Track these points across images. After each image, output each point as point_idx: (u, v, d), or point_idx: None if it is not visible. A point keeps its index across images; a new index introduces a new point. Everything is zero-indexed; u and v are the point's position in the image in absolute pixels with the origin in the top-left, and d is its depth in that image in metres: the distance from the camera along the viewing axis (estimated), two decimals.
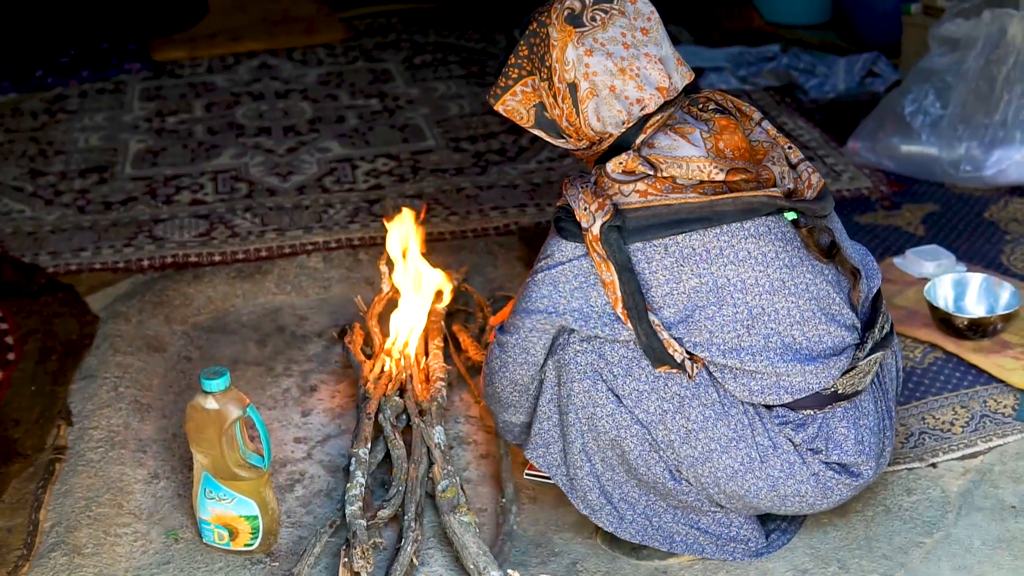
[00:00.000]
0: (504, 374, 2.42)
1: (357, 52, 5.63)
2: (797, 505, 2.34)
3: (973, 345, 3.02)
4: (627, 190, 2.22)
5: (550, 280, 2.30)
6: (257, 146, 4.58)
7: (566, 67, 2.25)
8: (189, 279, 3.56)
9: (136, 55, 5.58)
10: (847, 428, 2.32)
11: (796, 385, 2.27)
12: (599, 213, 2.21)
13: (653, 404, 2.27)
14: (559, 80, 2.27)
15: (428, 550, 2.49)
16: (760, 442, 2.28)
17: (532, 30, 2.31)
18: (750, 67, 5.01)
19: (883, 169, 4.09)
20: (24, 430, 2.87)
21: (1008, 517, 2.52)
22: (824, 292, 2.29)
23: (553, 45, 2.26)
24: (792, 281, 2.26)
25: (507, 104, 2.36)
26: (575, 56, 2.24)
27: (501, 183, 4.17)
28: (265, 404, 3.00)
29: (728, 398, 2.28)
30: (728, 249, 2.22)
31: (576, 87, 2.26)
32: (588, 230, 2.22)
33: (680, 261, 2.22)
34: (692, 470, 2.30)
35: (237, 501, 2.45)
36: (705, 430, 2.27)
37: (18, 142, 4.70)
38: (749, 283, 2.23)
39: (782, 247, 2.26)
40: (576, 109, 2.27)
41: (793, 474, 2.30)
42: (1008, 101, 3.89)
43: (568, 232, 2.28)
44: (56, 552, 2.48)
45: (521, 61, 2.33)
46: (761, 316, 2.25)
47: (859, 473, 2.35)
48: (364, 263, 3.63)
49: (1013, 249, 3.52)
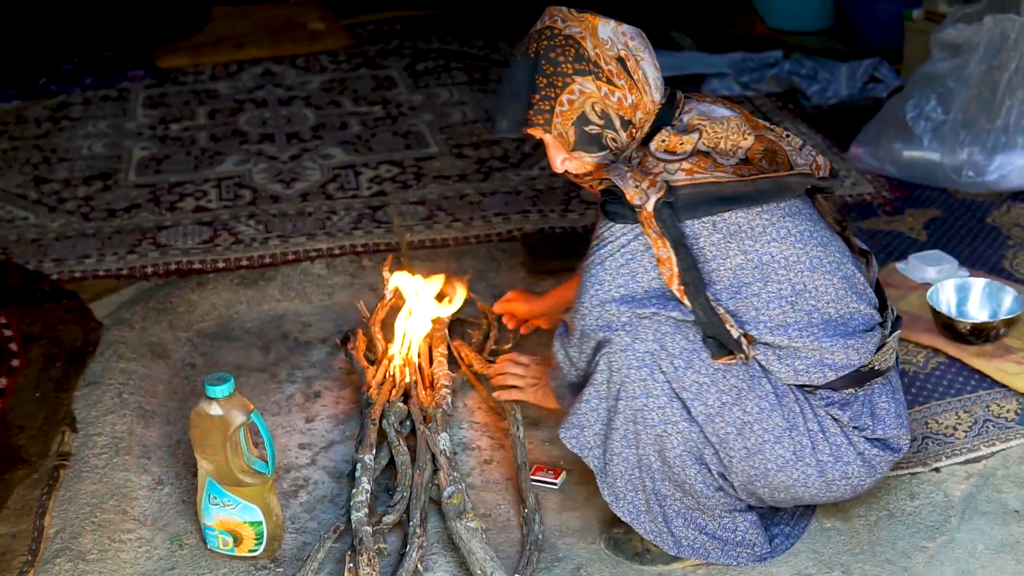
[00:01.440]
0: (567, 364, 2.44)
1: (360, 59, 5.65)
2: (842, 489, 2.38)
3: (976, 350, 3.02)
4: (673, 168, 2.26)
5: (604, 264, 2.31)
6: (260, 153, 4.59)
7: (607, 46, 2.30)
8: (193, 286, 3.56)
9: (139, 62, 5.60)
10: (887, 403, 2.39)
11: (839, 362, 2.32)
12: (652, 190, 2.23)
13: (713, 396, 2.29)
14: (605, 62, 2.30)
15: (432, 556, 2.49)
16: (811, 428, 2.33)
17: (545, 48, 2.31)
18: (752, 73, 5.02)
19: (885, 174, 4.09)
20: (28, 436, 2.88)
21: (1011, 521, 2.52)
22: (851, 271, 2.37)
23: (582, 38, 2.30)
24: (827, 259, 2.33)
25: (555, 128, 2.34)
26: (609, 31, 2.31)
27: (504, 189, 4.18)
28: (269, 410, 3.01)
29: (781, 387, 2.32)
30: (770, 227, 2.28)
31: (624, 59, 2.31)
32: (642, 207, 2.23)
33: (727, 237, 2.27)
34: (743, 464, 2.32)
35: (241, 507, 2.45)
36: (760, 421, 2.30)
37: (22, 149, 4.71)
38: (791, 260, 2.29)
39: (813, 226, 2.34)
40: (633, 79, 2.31)
41: (840, 456, 2.34)
42: (1010, 106, 3.90)
43: (617, 214, 2.28)
44: (61, 558, 2.48)
45: (553, 78, 2.31)
46: (803, 293, 2.30)
47: (898, 447, 2.42)
48: (367, 269, 3.63)
49: (1015, 254, 3.53)
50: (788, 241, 2.29)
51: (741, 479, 2.34)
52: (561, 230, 3.84)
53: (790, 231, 2.29)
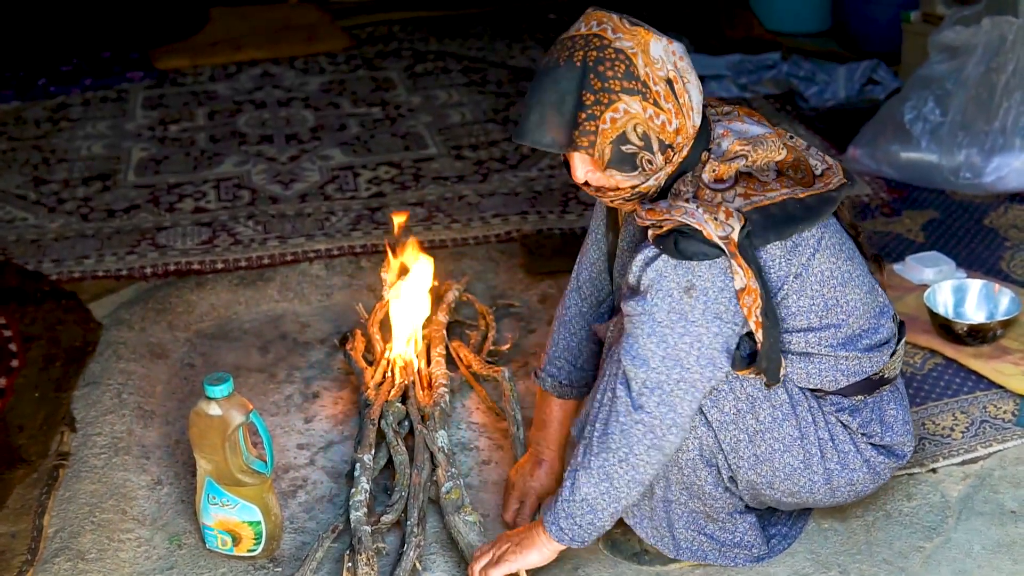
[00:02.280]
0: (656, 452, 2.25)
1: (359, 60, 5.65)
2: (845, 495, 2.39)
3: (973, 351, 3.03)
4: (730, 196, 2.18)
5: (714, 313, 2.18)
6: (259, 154, 4.60)
7: (656, 66, 2.14)
8: (192, 286, 3.57)
9: (138, 63, 5.60)
10: (895, 410, 2.39)
11: (852, 368, 2.31)
12: (731, 220, 2.14)
13: (729, 404, 2.26)
14: (655, 83, 2.14)
15: (431, 555, 2.50)
16: (821, 436, 2.32)
17: (593, 60, 2.12)
18: (750, 75, 5.03)
19: (883, 176, 4.10)
20: (28, 436, 2.88)
21: (1008, 522, 2.53)
22: (873, 285, 2.36)
23: (633, 53, 2.13)
24: (855, 272, 2.31)
25: (596, 150, 2.16)
26: (661, 49, 2.15)
27: (502, 191, 4.18)
28: (268, 410, 3.01)
29: (796, 394, 2.30)
30: (811, 239, 2.24)
31: (672, 81, 2.16)
32: (728, 238, 2.13)
33: (786, 255, 2.22)
34: (751, 471, 2.31)
35: (240, 507, 2.46)
36: (772, 430, 2.29)
37: (21, 150, 4.72)
38: (826, 275, 2.26)
39: (841, 237, 2.31)
40: (679, 103, 2.16)
41: (848, 463, 2.35)
42: (1007, 108, 3.90)
43: (698, 253, 2.13)
44: (60, 557, 2.48)
45: (600, 95, 2.12)
46: (835, 308, 2.28)
47: (903, 454, 2.42)
48: (366, 270, 3.64)
49: (1013, 255, 3.53)
50: (825, 255, 2.25)
51: (745, 484, 2.35)
52: (559, 231, 3.85)
53: (826, 243, 2.25)
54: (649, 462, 2.22)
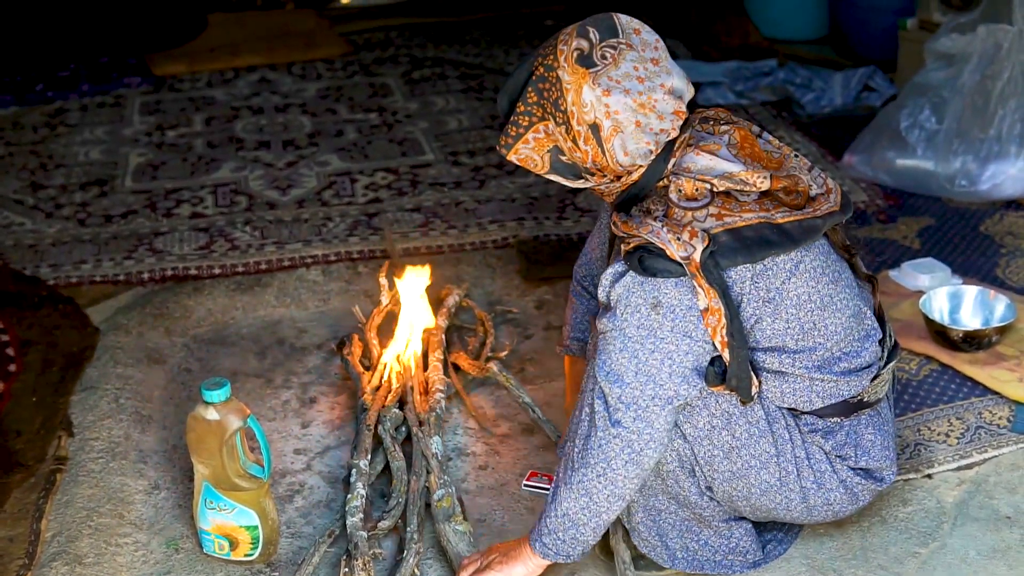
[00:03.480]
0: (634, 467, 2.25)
1: (356, 66, 5.66)
2: (823, 514, 2.38)
3: (968, 357, 3.03)
4: (701, 216, 2.18)
5: (683, 331, 2.19)
6: (257, 160, 4.60)
7: (584, 109, 2.16)
8: (189, 291, 3.57)
9: (136, 69, 5.61)
10: (873, 434, 2.37)
11: (828, 390, 2.30)
12: (695, 240, 2.14)
13: (703, 420, 2.26)
14: (578, 123, 2.17)
15: (426, 560, 2.50)
16: (797, 454, 2.31)
17: (540, 75, 2.20)
18: (747, 82, 5.04)
19: (879, 183, 4.11)
20: (25, 441, 2.88)
21: (1003, 527, 2.54)
22: (859, 308, 2.33)
23: (567, 88, 2.16)
24: (837, 296, 2.28)
25: (520, 153, 2.25)
26: (593, 97, 2.15)
27: (499, 196, 4.19)
28: (265, 416, 3.02)
29: (773, 412, 2.29)
30: (788, 263, 2.22)
31: (599, 127, 2.17)
32: (689, 259, 2.13)
33: (754, 278, 2.20)
34: (726, 485, 2.31)
35: (237, 511, 2.46)
36: (748, 447, 2.28)
37: (19, 155, 4.72)
38: (803, 298, 2.23)
39: (825, 260, 2.28)
40: (602, 149, 2.19)
41: (823, 483, 2.33)
42: (1003, 116, 3.91)
43: (662, 271, 2.15)
44: (57, 562, 2.49)
45: (531, 108, 2.21)
46: (812, 331, 2.26)
47: (882, 477, 2.40)
48: (363, 276, 3.64)
49: (1008, 262, 3.54)
50: (802, 278, 2.22)
51: (722, 496, 2.35)
52: (556, 237, 3.85)
53: (805, 267, 2.23)
54: (628, 476, 2.23)
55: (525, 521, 2.61)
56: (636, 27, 2.22)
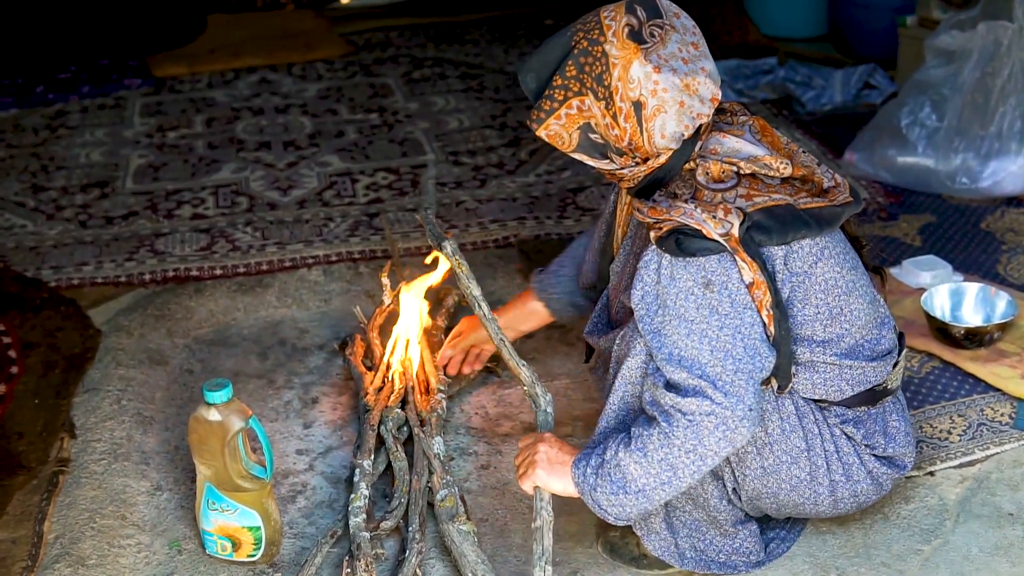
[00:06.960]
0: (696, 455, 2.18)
1: (356, 67, 5.66)
2: (849, 505, 2.40)
3: (970, 354, 3.04)
4: (731, 196, 2.19)
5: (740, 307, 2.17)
6: (257, 160, 4.60)
7: (631, 85, 2.15)
8: (190, 293, 3.58)
9: (136, 71, 5.61)
10: (898, 421, 2.41)
11: (857, 378, 2.31)
12: (730, 217, 2.14)
13: None
14: (621, 99, 2.16)
15: (429, 560, 2.50)
16: (827, 448, 2.33)
17: (583, 48, 2.18)
18: (747, 80, 5.04)
19: (880, 181, 4.11)
20: (28, 443, 2.89)
21: (1005, 524, 2.54)
22: (874, 296, 2.37)
23: (614, 63, 2.15)
24: (859, 282, 2.31)
25: (550, 128, 2.22)
26: (642, 74, 2.14)
27: (500, 196, 4.19)
28: (267, 416, 3.02)
29: (802, 407, 2.30)
30: (815, 247, 2.23)
31: (642, 105, 2.16)
32: (728, 235, 2.13)
33: (786, 258, 2.21)
34: (756, 483, 2.32)
35: (240, 512, 2.46)
36: (780, 442, 2.29)
37: (19, 157, 4.72)
38: (831, 283, 2.25)
39: (845, 249, 2.31)
40: (641, 128, 2.18)
41: (851, 475, 2.35)
42: (1003, 113, 3.91)
43: (701, 249, 2.14)
44: (60, 563, 2.49)
45: (568, 82, 2.19)
46: (839, 316, 2.27)
47: (904, 465, 2.43)
48: (364, 276, 3.64)
49: (1009, 259, 3.54)
50: (828, 263, 2.24)
51: (750, 494, 2.35)
52: (557, 236, 3.85)
53: (830, 252, 2.25)
54: (719, 453, 2.16)
55: (528, 520, 2.61)
56: (676, 11, 2.25)
